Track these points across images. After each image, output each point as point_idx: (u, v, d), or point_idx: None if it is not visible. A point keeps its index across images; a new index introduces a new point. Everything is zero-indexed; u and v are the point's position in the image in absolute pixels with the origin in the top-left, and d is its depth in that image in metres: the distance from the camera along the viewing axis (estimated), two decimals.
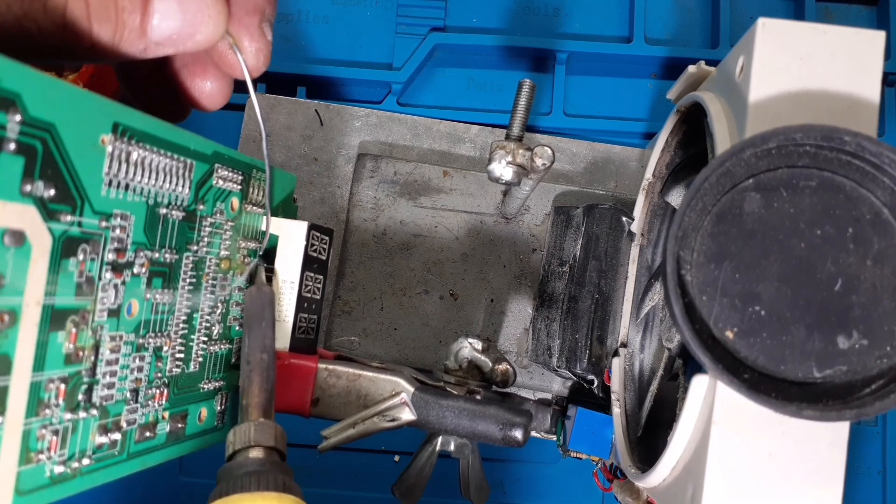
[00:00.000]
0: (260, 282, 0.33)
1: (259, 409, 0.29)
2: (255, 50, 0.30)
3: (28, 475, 0.23)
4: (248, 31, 0.29)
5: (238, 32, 0.29)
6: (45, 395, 0.24)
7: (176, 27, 0.26)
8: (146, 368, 0.29)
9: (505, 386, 0.39)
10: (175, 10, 0.26)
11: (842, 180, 0.29)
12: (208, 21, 0.27)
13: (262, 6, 0.30)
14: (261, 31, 0.30)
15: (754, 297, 0.28)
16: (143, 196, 0.27)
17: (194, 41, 0.27)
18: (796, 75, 0.31)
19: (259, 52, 0.30)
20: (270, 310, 0.32)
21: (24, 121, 0.21)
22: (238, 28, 0.29)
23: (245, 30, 0.29)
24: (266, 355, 0.30)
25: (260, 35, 0.30)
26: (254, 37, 0.29)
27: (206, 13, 0.27)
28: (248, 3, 0.29)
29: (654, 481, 0.35)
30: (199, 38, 0.27)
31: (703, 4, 0.55)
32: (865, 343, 0.28)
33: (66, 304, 0.24)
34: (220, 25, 0.27)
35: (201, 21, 0.27)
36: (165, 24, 0.26)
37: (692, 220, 0.29)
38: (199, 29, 0.27)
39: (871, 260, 0.28)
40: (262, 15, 0.30)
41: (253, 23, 0.29)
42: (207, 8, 0.27)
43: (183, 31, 0.26)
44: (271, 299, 0.32)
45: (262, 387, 0.30)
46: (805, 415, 0.27)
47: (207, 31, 0.27)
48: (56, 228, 0.23)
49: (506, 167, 0.39)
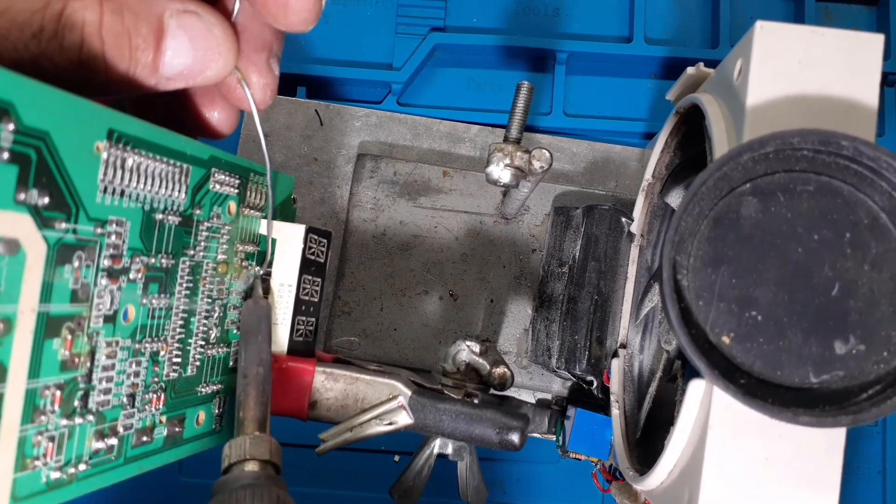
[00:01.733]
0: (257, 295, 0.34)
1: (255, 423, 0.29)
2: (263, 85, 0.30)
3: (24, 482, 0.23)
4: (257, 67, 0.30)
5: (246, 68, 0.30)
6: (40, 402, 0.24)
7: (187, 63, 0.27)
8: (143, 373, 0.29)
9: (503, 389, 0.39)
10: (187, 48, 0.27)
11: (839, 185, 0.29)
12: (218, 58, 0.28)
13: (270, 43, 0.30)
14: (268, 67, 0.31)
15: (751, 302, 0.28)
16: (139, 202, 0.27)
17: (204, 76, 0.28)
18: (794, 78, 0.30)
19: (266, 87, 0.31)
20: (267, 322, 0.32)
21: (18, 129, 0.21)
22: (247, 64, 0.30)
23: (253, 66, 0.30)
24: (262, 368, 0.31)
25: (268, 70, 0.30)
26: (262, 73, 0.30)
27: (217, 51, 0.27)
28: (258, 40, 0.30)
29: (652, 484, 0.35)
30: (210, 74, 0.28)
31: (703, 4, 0.55)
32: (863, 348, 0.28)
33: (61, 311, 0.24)
34: (230, 62, 0.28)
35: (212, 58, 0.27)
36: (177, 60, 0.27)
37: (689, 225, 0.29)
38: (210, 66, 0.28)
39: (869, 264, 0.28)
40: (271, 51, 0.31)
41: (261, 59, 0.30)
42: (218, 46, 0.27)
43: (194, 68, 0.27)
44: (268, 312, 0.33)
45: (258, 400, 0.30)
46: (801, 421, 0.26)
47: (217, 67, 0.28)
48: (51, 236, 0.23)
49: (504, 169, 0.39)
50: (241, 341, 0.32)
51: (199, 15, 0.27)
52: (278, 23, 0.29)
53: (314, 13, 0.29)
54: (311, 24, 0.29)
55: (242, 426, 0.30)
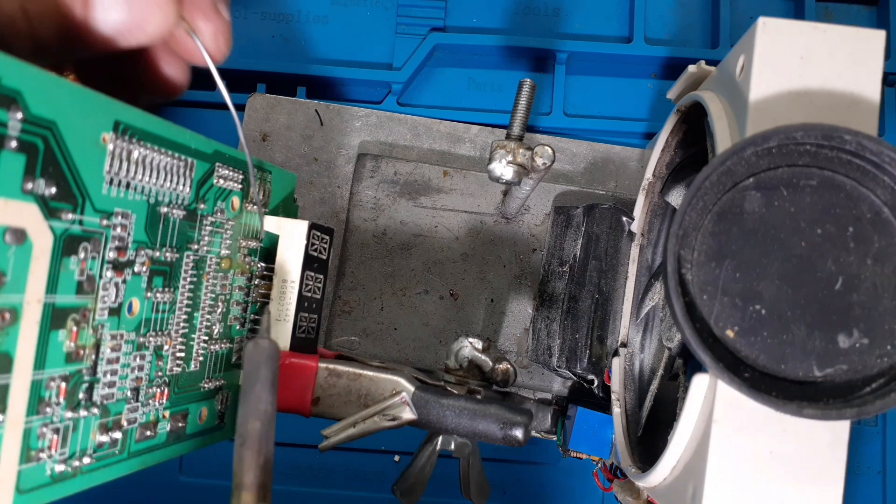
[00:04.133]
0: (261, 334, 0.30)
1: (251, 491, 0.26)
2: (213, 31, 0.28)
3: (29, 474, 0.23)
4: (203, 13, 0.27)
5: (192, 15, 0.27)
6: (45, 394, 0.24)
7: (122, 19, 0.24)
8: (147, 367, 0.29)
9: (505, 385, 0.39)
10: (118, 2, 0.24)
11: (842, 179, 0.29)
12: (157, 10, 0.25)
13: None
14: (215, 11, 0.28)
15: (755, 296, 0.29)
16: (144, 195, 0.27)
17: (146, 33, 0.25)
18: (797, 74, 0.31)
19: (217, 34, 0.28)
20: (269, 367, 0.28)
21: (26, 118, 0.21)
22: (192, 10, 0.27)
23: (199, 11, 0.27)
24: (259, 423, 0.27)
25: (216, 15, 0.28)
26: (209, 18, 0.27)
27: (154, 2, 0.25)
28: None
29: (655, 481, 0.35)
30: (150, 30, 0.25)
31: (703, 4, 0.55)
32: (866, 342, 0.28)
33: (66, 302, 0.24)
34: (171, 12, 0.25)
35: (150, 10, 0.25)
36: (111, 16, 0.24)
37: (693, 219, 0.29)
38: (148, 19, 0.25)
39: (872, 259, 0.28)
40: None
41: (206, 3, 0.27)
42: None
43: (131, 24, 0.25)
44: (270, 354, 0.29)
45: (254, 463, 0.26)
46: (806, 414, 0.27)
47: (157, 20, 0.25)
48: (57, 227, 0.23)
49: (506, 166, 0.39)
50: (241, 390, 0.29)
51: None
52: None
53: None
54: None
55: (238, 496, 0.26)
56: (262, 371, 0.28)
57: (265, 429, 0.27)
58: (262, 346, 0.29)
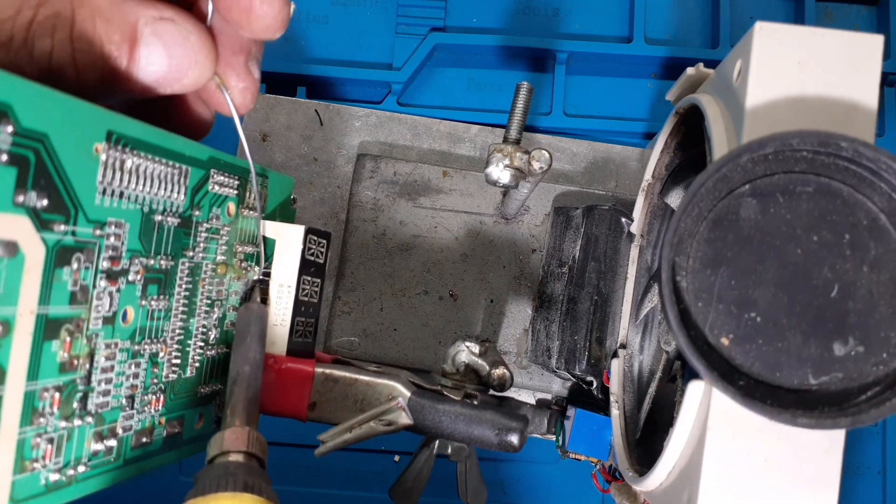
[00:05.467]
0: (251, 300, 0.34)
1: (239, 417, 0.29)
2: (242, 89, 0.30)
3: (23, 484, 0.23)
4: (235, 71, 0.30)
5: (225, 72, 0.29)
6: (39, 404, 0.24)
7: (162, 72, 0.26)
8: (142, 375, 0.29)
9: (502, 390, 0.39)
10: (161, 56, 0.26)
11: (839, 186, 0.29)
12: (195, 66, 0.27)
13: (248, 45, 0.30)
14: (247, 70, 0.30)
15: (750, 304, 0.28)
16: (138, 203, 0.27)
17: (182, 84, 0.27)
18: (794, 80, 0.30)
19: (246, 91, 0.30)
20: (258, 325, 0.32)
21: (17, 132, 0.21)
22: (225, 68, 0.29)
23: (232, 69, 0.29)
24: (248, 367, 0.31)
25: (247, 74, 0.30)
26: (241, 76, 0.30)
27: (194, 59, 0.27)
28: (235, 44, 0.29)
29: (651, 485, 0.35)
30: (187, 82, 0.27)
31: (703, 4, 0.55)
32: (862, 350, 0.28)
33: (60, 313, 0.24)
34: (208, 69, 0.28)
35: (189, 66, 0.27)
36: (152, 69, 0.26)
37: (688, 226, 0.29)
38: (187, 73, 0.27)
39: (868, 266, 0.28)
40: (249, 54, 0.30)
41: (239, 62, 0.30)
42: (195, 53, 0.27)
43: (170, 76, 0.27)
44: (259, 315, 0.33)
45: (244, 396, 0.30)
46: (800, 423, 0.26)
47: (195, 74, 0.27)
48: (49, 238, 0.23)
49: (503, 170, 0.38)
50: (233, 343, 0.32)
51: (175, 22, 0.26)
52: (243, 29, 0.28)
53: (279, 20, 0.28)
54: (278, 31, 0.28)
55: (226, 421, 0.29)
56: (253, 327, 0.32)
57: (253, 371, 0.31)
58: (252, 307, 0.33)
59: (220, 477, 0.26)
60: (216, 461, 0.28)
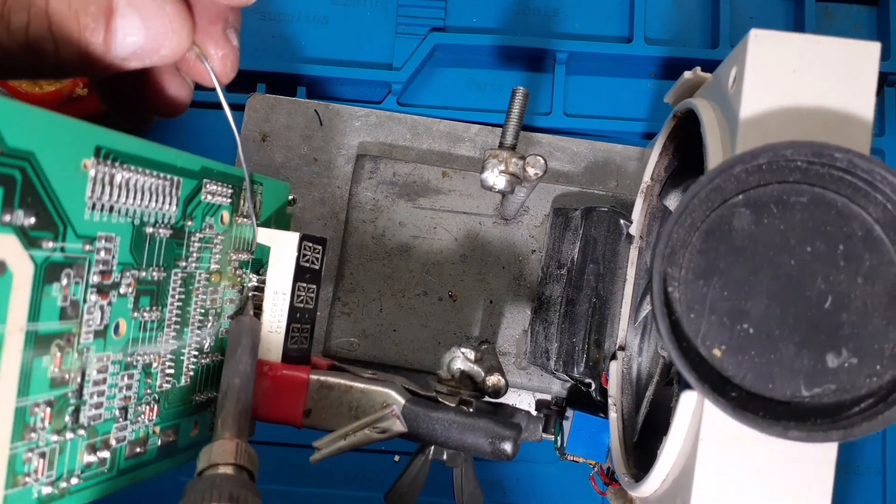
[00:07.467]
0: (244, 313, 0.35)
1: (229, 430, 0.29)
2: (222, 56, 0.30)
3: (15, 498, 0.24)
4: (213, 40, 0.30)
5: (203, 41, 0.29)
6: (30, 420, 0.24)
7: (140, 43, 0.26)
8: (135, 386, 0.29)
9: (496, 397, 0.39)
10: (138, 27, 0.26)
11: (833, 196, 0.28)
12: (172, 35, 0.27)
13: (224, 13, 0.30)
14: (226, 38, 0.30)
15: (743, 315, 0.28)
16: (129, 217, 0.27)
17: (160, 55, 0.27)
18: (789, 89, 0.30)
19: (226, 59, 0.30)
20: (249, 338, 0.32)
21: (2, 152, 0.21)
22: (203, 37, 0.29)
23: (210, 38, 0.30)
24: (238, 380, 0.31)
25: (225, 42, 0.30)
26: (219, 44, 0.30)
27: (170, 28, 0.27)
28: (211, 12, 0.29)
29: (646, 492, 0.35)
30: (165, 53, 0.27)
31: (703, 4, 0.54)
32: (855, 361, 0.28)
33: (50, 329, 0.24)
34: (185, 39, 0.27)
35: (166, 36, 0.27)
36: (129, 40, 0.26)
37: (680, 237, 0.29)
38: (164, 44, 0.27)
39: (863, 277, 0.28)
40: (226, 22, 0.30)
41: (217, 30, 0.30)
42: (171, 23, 0.27)
43: (148, 47, 0.27)
44: (250, 328, 0.33)
45: (233, 408, 0.30)
46: (791, 436, 0.26)
47: (172, 44, 0.27)
48: (38, 255, 0.23)
49: (498, 176, 0.38)
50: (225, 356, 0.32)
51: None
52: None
53: None
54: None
55: (216, 433, 0.30)
56: (244, 340, 0.32)
57: (244, 383, 0.31)
58: (243, 321, 0.33)
59: (205, 490, 0.26)
60: (204, 474, 0.28)
